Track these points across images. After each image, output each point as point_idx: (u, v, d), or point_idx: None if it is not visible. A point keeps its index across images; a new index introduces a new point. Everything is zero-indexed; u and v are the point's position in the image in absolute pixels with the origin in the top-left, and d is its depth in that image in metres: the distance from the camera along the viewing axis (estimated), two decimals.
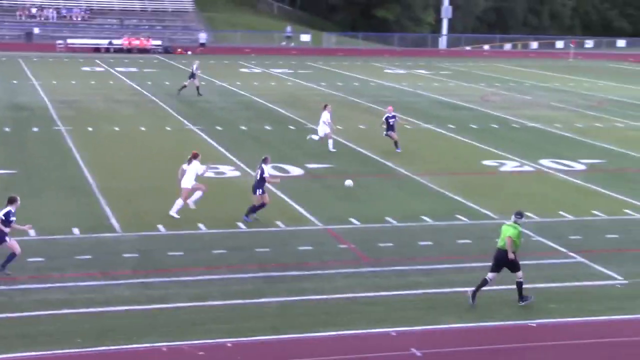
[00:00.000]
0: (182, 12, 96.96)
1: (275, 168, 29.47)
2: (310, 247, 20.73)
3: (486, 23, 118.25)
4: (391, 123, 32.90)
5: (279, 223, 22.76)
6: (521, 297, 17.05)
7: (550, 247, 21.35)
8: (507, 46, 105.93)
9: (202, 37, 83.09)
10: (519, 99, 51.93)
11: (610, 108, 48.50)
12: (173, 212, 22.66)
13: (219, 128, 37.78)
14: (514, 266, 16.90)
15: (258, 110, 43.86)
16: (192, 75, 48.22)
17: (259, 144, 34.34)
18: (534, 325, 16.30)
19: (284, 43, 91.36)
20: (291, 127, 38.79)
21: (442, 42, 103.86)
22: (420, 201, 25.73)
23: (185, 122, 39.26)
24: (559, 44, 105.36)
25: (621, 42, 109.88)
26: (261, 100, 47.60)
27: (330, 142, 32.87)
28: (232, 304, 16.90)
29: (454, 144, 35.88)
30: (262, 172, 22.63)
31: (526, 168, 31.03)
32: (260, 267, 19.13)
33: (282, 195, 25.59)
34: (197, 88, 48.01)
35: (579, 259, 20.47)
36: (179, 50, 79.89)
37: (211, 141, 34.53)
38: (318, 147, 33.17)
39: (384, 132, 33.16)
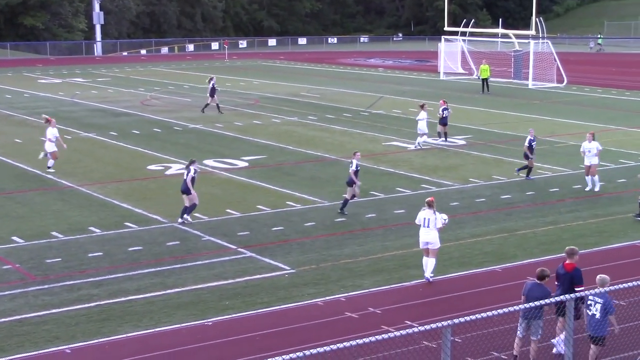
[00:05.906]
0: None
1: None
2: None
3: (141, 28, 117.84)
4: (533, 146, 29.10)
5: None
6: None
7: (220, 245, 21.74)
8: (164, 50, 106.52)
9: None
10: (179, 102, 52.39)
11: (266, 105, 50.38)
12: None
13: None
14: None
15: None
16: (212, 92, 46.31)
17: None
18: (210, 324, 16.52)
19: None
20: None
21: (98, 48, 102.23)
22: (87, 212, 25.10)
23: None
24: (215, 46, 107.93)
25: (272, 41, 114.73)
26: None
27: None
28: None
29: (118, 151, 35.42)
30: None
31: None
32: None
33: None
34: (216, 106, 46.86)
35: (248, 253, 21.04)
36: None
37: None
38: None
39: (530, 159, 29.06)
